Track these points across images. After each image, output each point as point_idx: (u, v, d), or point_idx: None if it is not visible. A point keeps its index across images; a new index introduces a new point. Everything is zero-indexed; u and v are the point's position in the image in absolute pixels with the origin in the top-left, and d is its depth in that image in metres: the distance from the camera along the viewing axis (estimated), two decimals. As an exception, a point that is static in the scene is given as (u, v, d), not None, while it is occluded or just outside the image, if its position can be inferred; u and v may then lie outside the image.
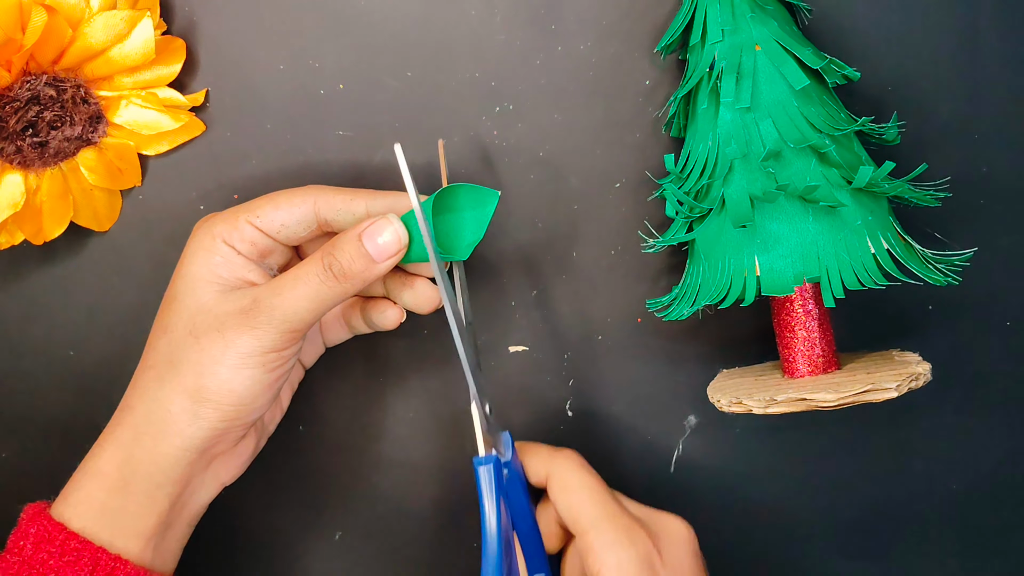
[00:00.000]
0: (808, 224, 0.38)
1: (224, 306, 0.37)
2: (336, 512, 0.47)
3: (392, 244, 0.38)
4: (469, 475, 0.47)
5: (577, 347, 0.46)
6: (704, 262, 0.40)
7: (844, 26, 0.43)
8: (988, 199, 0.44)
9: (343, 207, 0.39)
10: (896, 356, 0.42)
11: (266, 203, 0.39)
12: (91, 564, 0.36)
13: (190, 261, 0.38)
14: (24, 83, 0.40)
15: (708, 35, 0.39)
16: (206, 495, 0.40)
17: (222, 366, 0.36)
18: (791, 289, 0.38)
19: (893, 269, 0.38)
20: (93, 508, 0.37)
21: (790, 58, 0.39)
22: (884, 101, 0.44)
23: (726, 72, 0.39)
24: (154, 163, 0.44)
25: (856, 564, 0.47)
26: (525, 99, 0.44)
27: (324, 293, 0.37)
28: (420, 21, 0.43)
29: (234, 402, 0.37)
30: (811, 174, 0.38)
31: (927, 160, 0.43)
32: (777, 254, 0.38)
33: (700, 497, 0.47)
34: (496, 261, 0.45)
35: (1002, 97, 0.44)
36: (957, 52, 0.43)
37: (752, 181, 0.38)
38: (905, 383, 0.37)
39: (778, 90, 0.39)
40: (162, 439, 0.37)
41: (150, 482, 0.37)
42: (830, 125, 0.38)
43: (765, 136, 0.38)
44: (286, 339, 0.37)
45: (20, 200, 0.41)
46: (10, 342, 0.46)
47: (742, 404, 0.39)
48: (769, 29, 0.39)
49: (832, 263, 0.38)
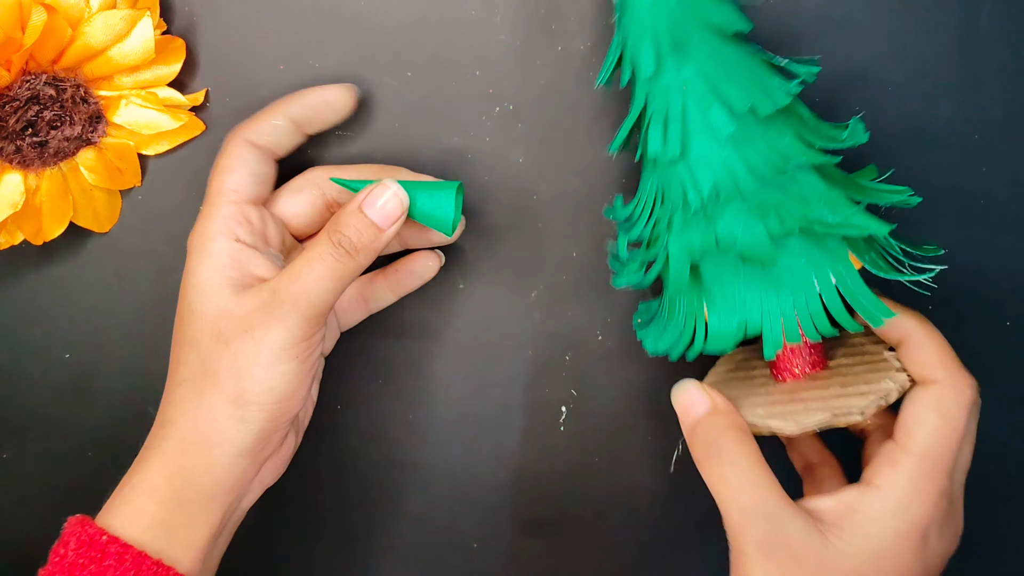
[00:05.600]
0: (744, 271, 0.37)
1: (244, 305, 0.37)
2: (336, 512, 0.47)
3: (395, 208, 0.38)
4: (469, 475, 0.47)
5: (577, 347, 0.46)
6: (665, 302, 0.40)
7: (844, 25, 0.43)
8: (988, 199, 0.44)
9: (267, 127, 0.39)
10: (882, 358, 0.40)
11: (222, 176, 0.39)
12: (134, 569, 0.35)
13: (198, 270, 0.38)
14: (24, 83, 0.40)
15: (637, 76, 0.37)
16: (251, 500, 0.40)
17: (258, 367, 0.36)
18: (732, 344, 0.37)
19: (839, 309, 0.37)
20: (143, 521, 0.36)
21: (715, 101, 0.35)
22: (884, 101, 0.44)
23: (653, 120, 0.36)
24: (154, 163, 0.44)
25: (856, 564, 0.47)
26: (525, 99, 0.44)
27: (340, 270, 0.37)
28: (420, 21, 0.43)
29: (276, 399, 0.37)
30: (743, 226, 0.36)
31: (927, 160, 0.43)
32: (720, 303, 0.37)
33: (700, 497, 0.47)
34: (496, 261, 0.45)
35: (1002, 97, 0.44)
36: (957, 52, 0.43)
37: (691, 235, 0.37)
38: (873, 404, 0.37)
39: (708, 136, 0.36)
40: (212, 448, 0.36)
41: (203, 494, 0.37)
42: (772, 164, 0.36)
43: (701, 184, 0.36)
44: (312, 325, 0.37)
45: (20, 200, 0.41)
46: (9, 342, 0.45)
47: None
48: (696, 65, 0.36)
49: (773, 310, 0.37)
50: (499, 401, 0.46)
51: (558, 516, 0.47)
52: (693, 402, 0.38)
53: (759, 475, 0.36)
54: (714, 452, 0.37)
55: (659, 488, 0.47)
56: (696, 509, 0.47)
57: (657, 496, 0.47)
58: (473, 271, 0.45)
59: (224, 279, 0.37)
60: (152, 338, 0.45)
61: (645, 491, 0.47)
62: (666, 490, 0.47)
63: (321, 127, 0.41)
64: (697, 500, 0.47)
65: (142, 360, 0.45)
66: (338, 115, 0.41)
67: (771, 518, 0.35)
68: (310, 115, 0.40)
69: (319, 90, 0.40)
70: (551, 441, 0.46)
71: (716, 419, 0.37)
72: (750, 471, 0.36)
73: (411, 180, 0.40)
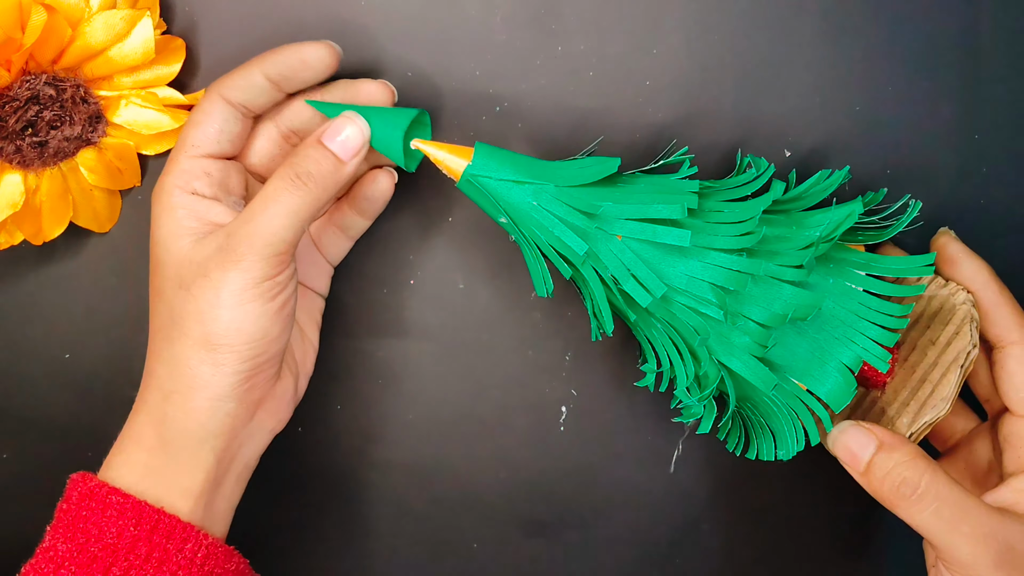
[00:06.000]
0: (796, 329, 0.38)
1: (202, 251, 0.36)
2: (336, 512, 0.47)
3: (355, 139, 0.37)
4: (469, 475, 0.47)
5: (577, 347, 0.46)
6: (748, 411, 0.40)
7: (844, 24, 0.43)
8: (988, 199, 0.44)
9: (243, 82, 0.39)
10: (933, 298, 0.40)
11: (188, 130, 0.38)
12: (135, 518, 0.35)
13: (158, 225, 0.38)
14: (23, 82, 0.40)
15: (574, 260, 0.37)
16: (255, 447, 0.40)
17: (220, 308, 0.36)
18: (852, 391, 0.38)
19: (889, 288, 0.38)
20: (136, 470, 0.36)
21: (657, 226, 0.36)
22: (884, 101, 0.44)
23: (621, 279, 0.36)
24: (154, 163, 0.44)
25: (856, 563, 0.47)
26: (525, 99, 0.44)
27: (297, 204, 0.36)
28: (420, 21, 0.43)
29: (246, 340, 0.36)
30: (776, 295, 0.37)
31: (926, 160, 0.43)
32: (808, 369, 0.38)
33: (700, 497, 0.47)
34: (496, 261, 0.45)
35: (1002, 97, 0.44)
36: (957, 53, 0.43)
37: (738, 339, 0.37)
38: (973, 329, 0.38)
39: (674, 255, 0.36)
40: (191, 394, 0.36)
41: (191, 438, 0.36)
42: (739, 234, 0.36)
43: (707, 295, 0.36)
44: (274, 264, 0.36)
45: (19, 200, 0.41)
46: (9, 342, 0.45)
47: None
48: (615, 216, 0.36)
49: (849, 333, 0.38)
50: (499, 401, 0.46)
51: (558, 516, 0.47)
52: (860, 445, 0.37)
53: (965, 498, 0.36)
54: (908, 491, 0.36)
55: (659, 488, 0.47)
56: (696, 509, 0.47)
57: (657, 496, 0.47)
58: (473, 271, 0.45)
59: (183, 230, 0.37)
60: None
61: (645, 491, 0.47)
62: (666, 490, 0.47)
63: (300, 85, 0.40)
64: (697, 500, 0.47)
65: (142, 360, 0.45)
66: (317, 74, 0.39)
67: (997, 535, 0.35)
68: (286, 73, 0.39)
69: (295, 47, 0.39)
70: (551, 441, 0.46)
71: (893, 455, 0.36)
72: (956, 497, 0.35)
73: (377, 107, 0.39)
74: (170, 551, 0.35)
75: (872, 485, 0.37)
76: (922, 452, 0.36)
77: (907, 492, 0.35)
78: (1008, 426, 0.39)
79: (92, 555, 0.35)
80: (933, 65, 0.44)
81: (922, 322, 0.40)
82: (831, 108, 0.44)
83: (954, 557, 0.35)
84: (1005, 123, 0.44)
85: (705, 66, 0.43)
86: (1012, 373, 0.39)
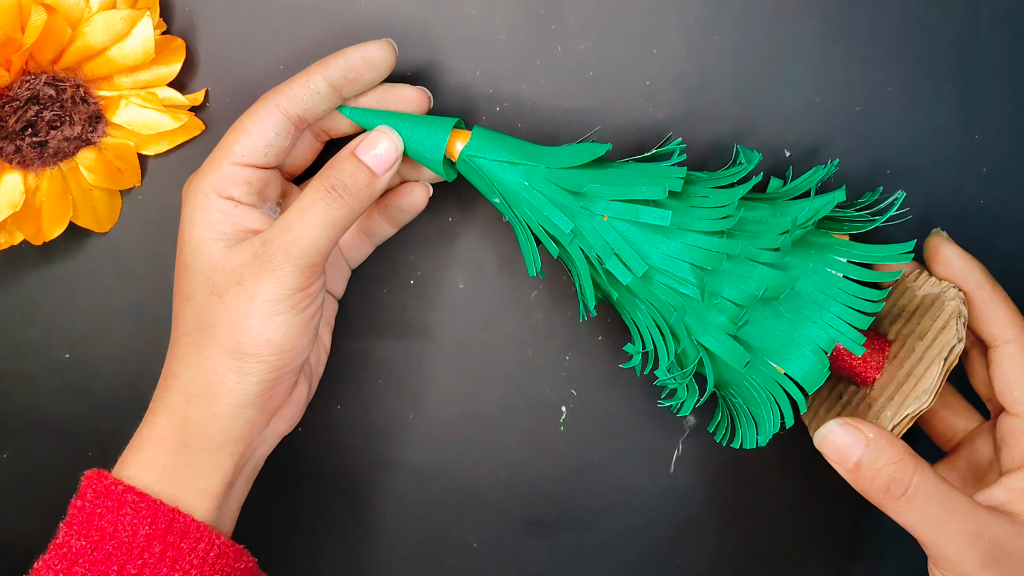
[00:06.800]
0: (774, 310, 0.38)
1: (237, 258, 0.36)
2: (336, 512, 0.47)
3: (389, 153, 0.38)
4: (469, 475, 0.47)
5: (577, 347, 0.46)
6: (729, 396, 0.41)
7: (845, 25, 0.43)
8: (988, 199, 0.44)
9: (304, 92, 0.38)
10: (921, 292, 0.41)
11: (235, 136, 0.38)
12: (150, 516, 0.35)
13: (191, 225, 0.37)
14: (23, 83, 0.40)
15: (561, 238, 0.38)
16: (265, 449, 0.40)
17: (252, 318, 0.36)
18: (825, 372, 0.38)
19: (870, 275, 0.39)
20: (154, 470, 0.36)
21: (638, 206, 0.37)
22: (884, 101, 0.44)
23: (604, 258, 0.37)
24: (154, 163, 0.44)
25: (855, 563, 0.47)
26: (525, 99, 0.44)
27: (333, 216, 0.36)
28: (420, 21, 0.43)
29: (274, 351, 0.36)
30: (747, 275, 0.37)
31: (926, 160, 0.43)
32: (783, 351, 0.38)
33: (700, 497, 0.47)
34: (496, 261, 0.45)
35: (1002, 97, 0.44)
36: (957, 53, 0.43)
37: (714, 319, 0.38)
38: (959, 326, 0.38)
39: (657, 236, 0.37)
40: (214, 400, 0.36)
41: (211, 442, 0.37)
42: (718, 217, 0.37)
43: (685, 275, 0.37)
44: (307, 275, 0.36)
45: (19, 200, 0.41)
46: (9, 342, 0.45)
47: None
48: (600, 195, 0.37)
49: (826, 316, 0.38)
50: (499, 401, 0.46)
51: (558, 516, 0.47)
52: (847, 444, 0.36)
53: (953, 496, 0.36)
54: (897, 491, 0.36)
55: (659, 488, 0.47)
56: (696, 509, 0.47)
57: (657, 496, 0.47)
58: (473, 271, 0.45)
59: (218, 235, 0.37)
60: (152, 338, 0.45)
61: (645, 491, 0.47)
62: (666, 490, 0.47)
63: (360, 88, 0.39)
64: (697, 500, 0.47)
65: (142, 360, 0.45)
66: (380, 73, 0.39)
67: (984, 534, 0.35)
68: (351, 76, 0.38)
69: (358, 47, 0.38)
70: (551, 441, 0.46)
71: (881, 454, 0.36)
72: (944, 496, 0.35)
73: (410, 114, 0.39)
74: (183, 550, 0.35)
75: (861, 484, 0.36)
76: (910, 451, 0.36)
77: (897, 492, 0.36)
78: (1004, 425, 0.39)
79: (107, 552, 0.35)
80: (933, 65, 0.44)
81: (913, 319, 0.40)
82: (831, 108, 0.44)
83: (941, 555, 0.35)
84: (1005, 123, 0.44)
85: (705, 66, 0.43)
86: (1006, 371, 0.39)
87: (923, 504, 0.35)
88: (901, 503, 0.36)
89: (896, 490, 0.35)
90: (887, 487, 0.36)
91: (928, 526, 0.35)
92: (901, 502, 0.36)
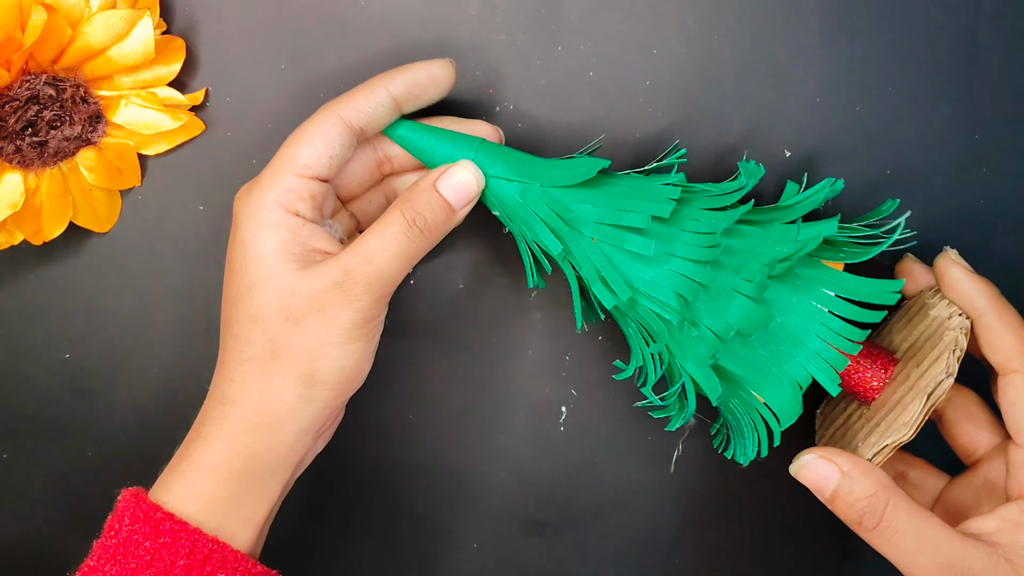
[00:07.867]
0: (758, 342, 0.38)
1: (315, 284, 0.36)
2: (336, 512, 0.47)
3: (471, 189, 0.38)
4: (469, 475, 0.47)
5: (577, 347, 0.46)
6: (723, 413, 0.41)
7: (844, 26, 0.43)
8: (988, 199, 0.44)
9: (368, 104, 0.37)
10: (929, 316, 0.40)
11: (299, 147, 0.37)
12: (188, 547, 0.35)
13: (256, 243, 0.36)
14: (23, 82, 0.40)
15: (553, 257, 0.38)
16: (301, 470, 0.39)
17: (330, 346, 0.36)
18: (798, 408, 0.38)
19: (856, 310, 0.38)
20: (201, 499, 0.36)
21: (625, 233, 0.37)
22: (884, 101, 0.44)
23: (590, 282, 0.38)
24: (154, 163, 0.44)
25: (855, 563, 0.47)
26: (525, 99, 0.44)
27: (412, 251, 0.37)
28: (420, 21, 0.43)
29: (345, 378, 0.36)
30: (725, 308, 0.37)
31: (926, 160, 0.43)
32: (763, 382, 0.38)
33: (700, 497, 0.47)
34: (496, 261, 0.45)
35: (1002, 97, 0.44)
36: (957, 53, 0.43)
37: (693, 348, 0.38)
38: (951, 361, 0.37)
39: (641, 263, 0.38)
40: (279, 427, 0.36)
41: (266, 471, 0.36)
42: (705, 245, 0.37)
43: (667, 301, 0.37)
44: (381, 305, 0.37)
45: (19, 200, 0.41)
46: (9, 342, 0.45)
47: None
48: (590, 218, 0.37)
49: (807, 354, 0.38)
50: (499, 401, 0.46)
51: (558, 516, 0.47)
52: (823, 476, 0.37)
53: (928, 527, 0.36)
54: (869, 523, 0.36)
55: (659, 488, 0.47)
56: (696, 509, 0.47)
57: (657, 496, 0.47)
58: (473, 271, 0.45)
59: (288, 255, 0.36)
60: (152, 338, 0.45)
61: (645, 491, 0.47)
62: (666, 490, 0.47)
63: (420, 104, 0.39)
64: (697, 500, 0.47)
65: (142, 360, 0.45)
66: (442, 91, 0.39)
67: (956, 566, 0.35)
68: (415, 92, 0.38)
69: (423, 64, 0.38)
70: (551, 441, 0.46)
71: (855, 487, 0.36)
72: (916, 528, 0.36)
73: (438, 128, 0.39)
74: None
75: (838, 513, 0.37)
76: (884, 482, 0.36)
77: (869, 524, 0.36)
78: (1011, 453, 0.38)
79: None
80: (933, 65, 0.44)
81: (919, 341, 0.40)
82: (831, 108, 0.44)
83: None
84: (1005, 123, 0.44)
85: (705, 66, 0.43)
86: (1013, 403, 0.38)
87: (894, 538, 0.36)
88: (874, 535, 0.36)
89: (868, 523, 0.36)
90: (860, 519, 0.36)
91: (899, 558, 0.36)
92: (874, 533, 0.36)
